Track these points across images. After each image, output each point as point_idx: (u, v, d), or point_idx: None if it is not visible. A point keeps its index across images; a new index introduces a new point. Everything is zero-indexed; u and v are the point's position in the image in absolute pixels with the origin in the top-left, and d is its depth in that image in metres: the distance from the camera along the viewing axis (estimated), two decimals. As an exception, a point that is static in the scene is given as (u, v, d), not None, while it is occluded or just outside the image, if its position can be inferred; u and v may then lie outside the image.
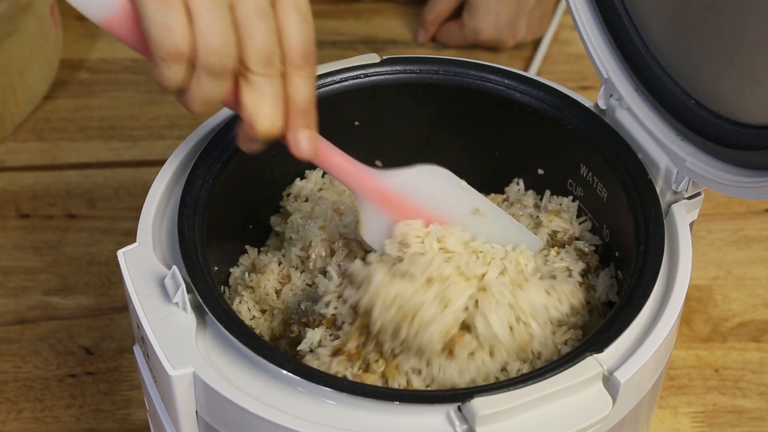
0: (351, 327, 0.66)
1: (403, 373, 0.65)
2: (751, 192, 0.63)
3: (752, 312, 0.91)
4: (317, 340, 0.67)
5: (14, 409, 0.83)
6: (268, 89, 0.60)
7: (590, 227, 0.74)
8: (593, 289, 0.71)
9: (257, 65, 0.60)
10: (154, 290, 0.62)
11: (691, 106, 0.67)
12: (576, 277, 0.70)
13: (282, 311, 0.72)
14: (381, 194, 0.67)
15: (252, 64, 0.59)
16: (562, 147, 0.74)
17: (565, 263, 0.71)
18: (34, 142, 1.05)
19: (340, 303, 0.67)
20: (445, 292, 0.65)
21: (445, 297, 0.65)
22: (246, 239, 0.76)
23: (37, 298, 0.91)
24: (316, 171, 0.78)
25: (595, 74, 0.73)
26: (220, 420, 0.60)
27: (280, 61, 0.60)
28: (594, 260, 0.72)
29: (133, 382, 0.85)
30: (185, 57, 0.58)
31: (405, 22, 1.19)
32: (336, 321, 0.67)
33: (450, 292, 0.65)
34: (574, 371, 0.58)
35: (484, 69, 0.75)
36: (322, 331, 0.67)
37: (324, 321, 0.67)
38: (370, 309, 0.65)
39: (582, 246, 0.73)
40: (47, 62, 1.09)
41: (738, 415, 0.84)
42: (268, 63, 0.60)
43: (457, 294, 0.65)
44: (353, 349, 0.65)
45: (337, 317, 0.67)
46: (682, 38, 0.67)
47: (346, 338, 0.66)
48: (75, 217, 0.98)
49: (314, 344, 0.67)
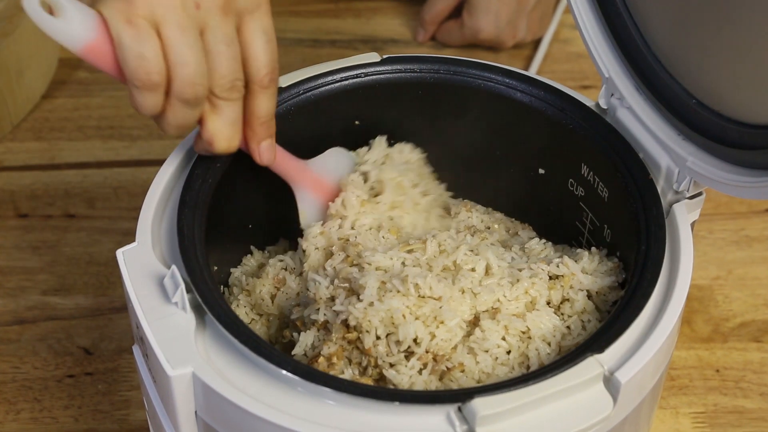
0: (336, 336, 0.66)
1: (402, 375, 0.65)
2: (752, 192, 0.63)
3: (753, 312, 0.91)
4: (310, 342, 0.67)
5: (12, 409, 0.83)
6: (228, 113, 0.65)
7: (613, 281, 0.70)
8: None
9: (222, 91, 0.63)
10: (153, 290, 0.62)
11: (692, 106, 0.67)
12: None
13: (277, 317, 0.72)
14: (314, 181, 0.73)
15: (217, 90, 0.63)
16: (562, 146, 0.74)
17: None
18: (32, 141, 1.05)
19: (329, 310, 0.67)
20: (439, 311, 0.65)
21: (438, 316, 0.65)
22: (246, 239, 0.76)
23: (36, 298, 0.91)
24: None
25: (596, 73, 0.73)
26: (219, 420, 0.60)
27: (242, 85, 0.64)
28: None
29: (132, 382, 0.85)
30: (160, 86, 0.61)
31: (405, 21, 1.19)
32: (327, 324, 0.67)
33: (444, 311, 0.65)
34: (575, 372, 0.58)
35: (485, 68, 0.75)
36: (314, 333, 0.67)
37: (316, 324, 0.67)
38: (360, 326, 0.65)
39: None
40: (46, 61, 1.09)
41: (739, 415, 0.84)
42: (232, 88, 0.64)
43: (450, 314, 0.65)
44: (334, 352, 0.65)
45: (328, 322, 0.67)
46: (684, 37, 0.67)
47: (328, 347, 0.66)
48: (74, 216, 0.98)
49: (308, 347, 0.67)
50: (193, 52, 0.61)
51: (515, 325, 0.65)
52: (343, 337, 0.65)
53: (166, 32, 0.60)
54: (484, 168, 0.79)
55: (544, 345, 0.65)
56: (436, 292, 0.65)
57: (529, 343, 0.66)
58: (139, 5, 0.59)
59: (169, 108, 0.62)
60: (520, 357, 0.65)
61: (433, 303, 0.65)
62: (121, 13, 0.59)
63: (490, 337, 0.65)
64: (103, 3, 0.60)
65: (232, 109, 0.65)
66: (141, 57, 0.59)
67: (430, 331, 0.65)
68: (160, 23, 0.60)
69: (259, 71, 0.65)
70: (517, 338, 0.65)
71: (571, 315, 0.68)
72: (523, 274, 0.68)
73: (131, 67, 0.60)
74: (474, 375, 0.64)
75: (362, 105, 0.75)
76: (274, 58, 0.65)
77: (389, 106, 0.76)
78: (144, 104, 0.62)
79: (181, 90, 0.61)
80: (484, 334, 0.65)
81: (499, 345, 0.65)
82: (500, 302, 0.67)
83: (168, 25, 0.60)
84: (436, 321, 0.65)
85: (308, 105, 0.74)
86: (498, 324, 0.65)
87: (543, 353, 0.65)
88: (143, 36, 0.59)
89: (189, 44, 0.60)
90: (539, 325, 0.66)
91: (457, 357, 0.65)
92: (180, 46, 0.60)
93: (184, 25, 0.60)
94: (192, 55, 0.60)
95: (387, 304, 0.64)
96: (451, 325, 0.65)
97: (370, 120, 0.76)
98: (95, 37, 0.60)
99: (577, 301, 0.68)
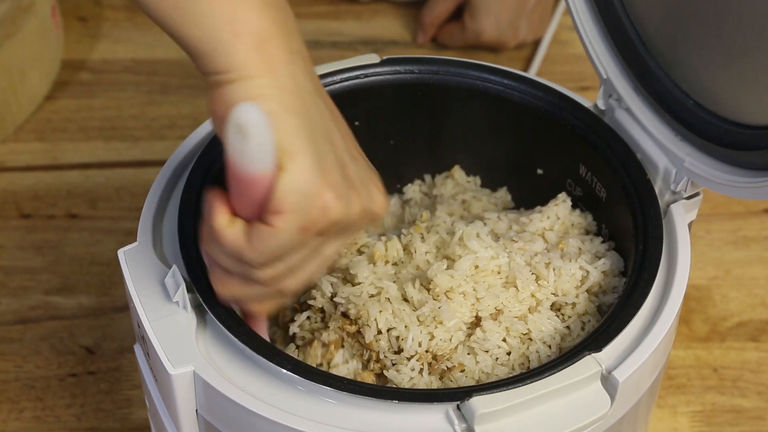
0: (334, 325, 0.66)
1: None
2: (749, 192, 0.63)
3: (750, 312, 0.91)
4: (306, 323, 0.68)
5: (15, 408, 0.83)
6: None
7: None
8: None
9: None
10: (154, 289, 0.62)
11: (689, 107, 0.67)
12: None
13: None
14: None
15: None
16: (561, 147, 0.74)
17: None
18: (35, 142, 1.05)
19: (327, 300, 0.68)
20: (438, 311, 0.65)
21: (438, 317, 0.65)
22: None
23: (39, 297, 0.91)
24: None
25: (595, 75, 0.73)
26: (220, 418, 0.60)
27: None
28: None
29: (133, 381, 0.85)
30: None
31: (405, 22, 1.19)
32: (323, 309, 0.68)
33: (443, 312, 0.65)
34: (573, 370, 0.58)
35: (484, 69, 0.75)
36: (308, 314, 0.68)
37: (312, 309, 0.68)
38: (357, 318, 0.66)
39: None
40: (48, 63, 1.09)
41: (736, 414, 0.84)
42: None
43: (449, 315, 0.65)
44: (333, 341, 0.66)
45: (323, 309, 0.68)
46: (681, 39, 0.67)
47: (328, 334, 0.66)
48: (76, 217, 0.98)
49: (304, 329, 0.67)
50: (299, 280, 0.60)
51: (516, 327, 0.66)
52: (342, 328, 0.66)
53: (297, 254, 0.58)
54: (483, 168, 0.80)
55: (545, 347, 0.66)
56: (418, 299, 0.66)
57: (529, 345, 0.66)
58: (318, 223, 0.56)
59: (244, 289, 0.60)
60: (520, 358, 0.65)
61: (432, 303, 0.66)
62: (301, 216, 0.55)
63: (491, 338, 0.65)
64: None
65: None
66: (273, 250, 0.56)
67: (429, 331, 0.65)
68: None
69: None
70: (517, 340, 0.66)
71: (571, 315, 0.68)
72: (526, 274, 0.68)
73: (258, 248, 0.56)
74: (474, 375, 0.65)
75: (362, 106, 0.75)
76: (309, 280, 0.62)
77: (389, 107, 0.76)
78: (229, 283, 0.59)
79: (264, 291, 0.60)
80: (485, 335, 0.65)
81: (500, 346, 0.65)
82: (503, 305, 0.67)
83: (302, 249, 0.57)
84: (435, 321, 0.65)
85: (309, 106, 0.74)
86: (500, 325, 0.66)
87: (543, 355, 0.65)
88: (293, 245, 0.56)
89: (311, 265, 0.59)
90: (540, 327, 0.66)
91: (457, 357, 0.65)
92: (300, 271, 0.59)
93: (306, 255, 0.58)
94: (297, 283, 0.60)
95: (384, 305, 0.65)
96: (449, 326, 0.65)
97: (369, 121, 0.77)
98: (269, 170, 0.54)
99: (579, 303, 0.68)
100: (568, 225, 0.72)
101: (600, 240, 0.71)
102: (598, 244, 0.71)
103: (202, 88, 1.10)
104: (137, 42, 1.15)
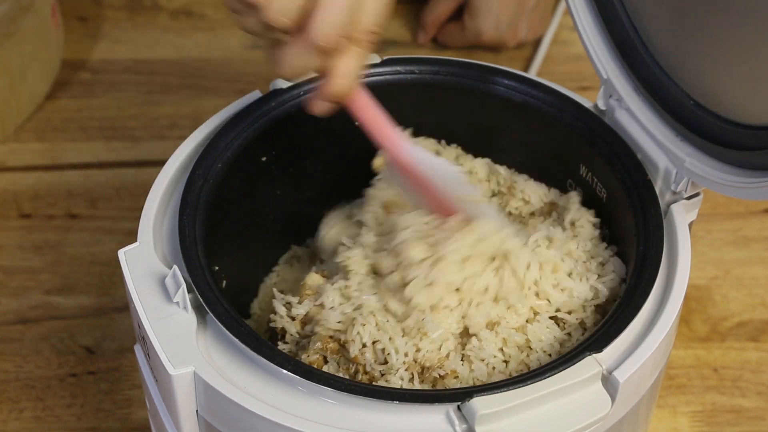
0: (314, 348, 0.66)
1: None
2: (749, 192, 0.63)
3: (751, 312, 0.91)
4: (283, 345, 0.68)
5: (15, 408, 0.83)
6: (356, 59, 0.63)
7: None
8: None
9: (364, 35, 0.62)
10: (154, 290, 0.62)
11: (690, 107, 0.67)
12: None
13: None
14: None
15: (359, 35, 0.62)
16: (561, 147, 0.74)
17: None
18: (35, 142, 1.05)
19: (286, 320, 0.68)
20: (422, 322, 0.65)
21: (422, 328, 0.65)
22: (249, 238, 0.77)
23: (39, 297, 0.91)
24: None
25: (595, 75, 0.73)
26: (220, 419, 0.60)
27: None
28: None
29: (134, 381, 0.85)
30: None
31: (405, 22, 1.19)
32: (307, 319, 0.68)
33: (426, 323, 0.65)
34: (573, 371, 0.58)
35: (484, 69, 0.75)
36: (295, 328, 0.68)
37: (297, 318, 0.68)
38: (337, 336, 0.65)
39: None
40: (48, 62, 1.09)
41: (736, 414, 0.84)
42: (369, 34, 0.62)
43: (433, 326, 0.64)
44: (313, 361, 0.65)
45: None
46: (682, 39, 0.67)
47: (308, 355, 0.66)
48: (76, 217, 0.98)
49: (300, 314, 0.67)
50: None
51: (514, 339, 0.65)
52: (323, 348, 0.65)
53: None
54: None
55: (545, 356, 0.65)
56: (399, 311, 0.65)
57: (529, 353, 0.65)
58: None
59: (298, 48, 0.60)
60: (519, 366, 0.65)
61: (416, 315, 0.65)
62: None
63: (487, 347, 0.64)
64: None
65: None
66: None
67: (415, 343, 0.64)
68: None
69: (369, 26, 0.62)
70: (515, 349, 0.65)
71: (573, 323, 0.67)
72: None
73: None
74: (468, 382, 0.64)
75: (362, 106, 0.75)
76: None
77: (389, 107, 0.76)
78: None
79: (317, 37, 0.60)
80: (480, 344, 0.64)
81: (495, 355, 0.64)
82: (499, 316, 0.66)
83: None
84: (420, 333, 0.64)
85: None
86: (496, 336, 0.65)
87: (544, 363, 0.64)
88: None
89: None
90: (540, 337, 0.65)
91: (449, 364, 0.64)
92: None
93: None
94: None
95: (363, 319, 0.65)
96: (434, 337, 0.64)
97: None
98: None
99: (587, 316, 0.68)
100: (578, 226, 0.72)
101: (604, 246, 0.71)
102: (602, 249, 0.71)
103: (202, 88, 1.10)
104: (137, 42, 1.16)
